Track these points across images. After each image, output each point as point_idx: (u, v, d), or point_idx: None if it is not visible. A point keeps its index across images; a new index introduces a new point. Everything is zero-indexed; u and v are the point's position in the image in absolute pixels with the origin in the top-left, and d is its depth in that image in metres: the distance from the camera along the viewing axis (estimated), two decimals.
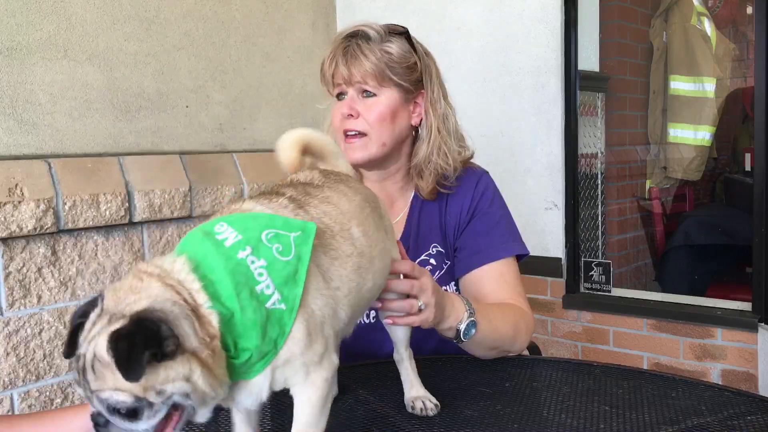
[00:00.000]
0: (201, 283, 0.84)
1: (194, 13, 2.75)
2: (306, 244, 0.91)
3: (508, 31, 2.98)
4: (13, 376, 2.12)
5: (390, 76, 1.51)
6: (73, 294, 2.27)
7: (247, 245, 0.87)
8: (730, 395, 1.26)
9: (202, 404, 0.83)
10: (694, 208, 4.40)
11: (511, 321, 1.48)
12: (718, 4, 4.56)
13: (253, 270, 0.86)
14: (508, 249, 1.59)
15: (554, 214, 2.93)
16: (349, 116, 1.52)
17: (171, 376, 0.79)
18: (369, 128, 1.52)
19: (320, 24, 3.32)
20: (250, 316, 0.84)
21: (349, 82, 1.52)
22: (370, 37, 1.52)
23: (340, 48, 1.53)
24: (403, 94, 1.54)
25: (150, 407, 0.79)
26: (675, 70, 4.17)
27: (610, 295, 2.92)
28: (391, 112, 1.52)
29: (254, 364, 0.86)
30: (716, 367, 2.61)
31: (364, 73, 1.50)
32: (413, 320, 1.22)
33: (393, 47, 1.52)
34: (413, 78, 1.54)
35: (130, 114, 2.53)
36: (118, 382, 0.77)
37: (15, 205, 2.06)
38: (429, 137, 1.57)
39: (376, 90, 1.52)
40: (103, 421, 0.81)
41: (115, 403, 0.78)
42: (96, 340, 0.79)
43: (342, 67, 1.52)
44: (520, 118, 2.97)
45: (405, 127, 1.57)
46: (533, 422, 1.15)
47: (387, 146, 1.54)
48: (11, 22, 2.19)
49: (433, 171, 1.58)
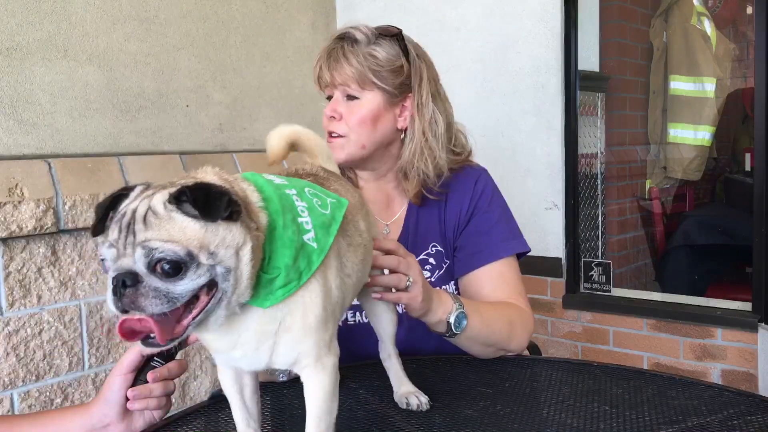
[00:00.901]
0: (254, 187, 0.88)
1: (194, 13, 2.75)
2: (340, 210, 0.97)
3: (508, 31, 2.98)
4: (13, 376, 2.12)
5: (372, 80, 1.51)
6: (73, 294, 2.27)
7: (293, 188, 0.94)
8: (730, 395, 1.26)
9: (232, 293, 0.82)
10: (694, 208, 4.40)
11: (505, 317, 1.48)
12: (718, 4, 4.55)
13: (297, 205, 0.91)
14: (508, 248, 1.59)
15: (554, 214, 2.93)
16: (332, 118, 1.54)
17: (227, 240, 0.79)
18: (348, 130, 1.53)
19: (320, 24, 3.32)
20: (290, 236, 0.87)
21: (332, 84, 1.54)
22: (357, 40, 1.52)
23: (326, 51, 1.55)
24: (388, 98, 1.54)
25: (196, 268, 0.78)
26: (675, 70, 4.17)
27: (610, 295, 2.92)
28: (372, 115, 1.53)
29: (276, 289, 0.86)
30: (716, 367, 2.61)
31: (345, 77, 1.51)
32: (401, 296, 1.24)
33: (379, 51, 1.52)
34: (399, 81, 1.54)
35: (130, 114, 2.53)
36: (174, 233, 0.77)
37: (15, 205, 2.06)
38: (413, 141, 1.57)
39: (359, 93, 1.52)
40: (130, 281, 0.77)
41: (163, 254, 0.76)
42: (152, 198, 0.80)
43: (325, 71, 1.54)
44: (520, 118, 2.97)
45: (389, 130, 1.56)
46: (533, 422, 1.15)
47: (366, 148, 1.55)
48: (11, 22, 2.19)
49: (416, 175, 1.58)
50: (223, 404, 1.27)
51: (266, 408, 1.26)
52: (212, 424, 1.21)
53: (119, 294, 0.77)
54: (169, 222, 0.78)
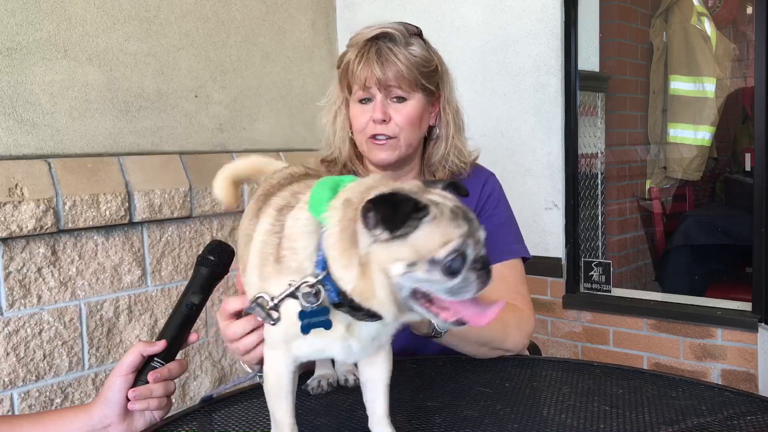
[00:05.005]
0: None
1: (194, 13, 2.75)
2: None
3: (508, 31, 2.98)
4: (13, 376, 2.12)
5: (420, 80, 1.50)
6: (73, 294, 2.27)
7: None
8: (730, 395, 1.26)
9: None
10: (694, 208, 4.41)
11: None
12: (718, 4, 4.55)
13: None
14: (512, 251, 1.59)
15: (554, 214, 2.93)
16: (382, 121, 1.51)
17: None
18: (399, 132, 1.52)
19: (320, 24, 3.32)
20: None
21: (384, 85, 1.49)
22: (396, 39, 1.50)
23: (372, 50, 1.49)
24: (427, 97, 1.54)
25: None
26: (675, 70, 4.17)
27: (610, 295, 2.92)
28: (418, 115, 1.53)
29: None
30: (716, 367, 2.61)
31: (398, 76, 1.48)
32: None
33: (416, 49, 1.50)
34: (435, 80, 1.55)
35: (130, 114, 2.53)
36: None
37: (15, 205, 2.06)
38: (446, 138, 1.59)
39: (407, 94, 1.51)
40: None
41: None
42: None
43: (377, 70, 1.48)
44: (520, 118, 2.97)
45: (425, 128, 1.59)
46: (533, 422, 1.15)
47: (413, 147, 1.56)
48: (11, 22, 2.19)
49: (449, 170, 1.59)
50: (215, 406, 1.27)
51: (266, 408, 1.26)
52: (207, 426, 1.21)
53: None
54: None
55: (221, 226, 2.70)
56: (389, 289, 0.85)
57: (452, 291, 0.85)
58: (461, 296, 0.86)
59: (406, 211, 0.83)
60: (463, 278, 0.85)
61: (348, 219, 0.88)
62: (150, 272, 2.49)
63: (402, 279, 0.84)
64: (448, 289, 0.85)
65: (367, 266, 0.85)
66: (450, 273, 0.84)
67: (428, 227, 0.84)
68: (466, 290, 0.86)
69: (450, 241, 0.84)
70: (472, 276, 0.85)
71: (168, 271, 2.54)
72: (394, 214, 0.83)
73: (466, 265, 0.85)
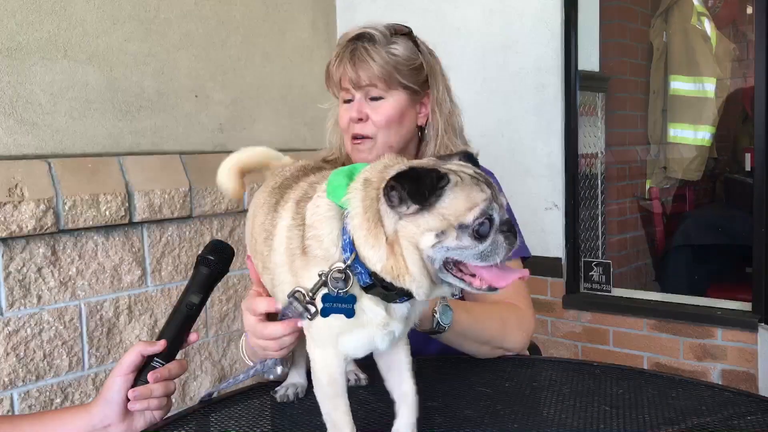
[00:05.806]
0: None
1: (194, 13, 2.75)
2: None
3: (508, 31, 2.98)
4: (13, 376, 2.12)
5: (398, 79, 1.50)
6: (73, 294, 2.27)
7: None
8: (730, 395, 1.26)
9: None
10: (694, 208, 4.40)
11: (496, 314, 1.48)
12: (718, 4, 4.55)
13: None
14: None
15: (554, 214, 2.93)
16: (359, 120, 1.52)
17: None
18: (376, 131, 1.52)
19: (320, 24, 3.32)
20: None
21: (357, 85, 1.51)
22: (375, 39, 1.51)
23: (347, 50, 1.51)
24: (411, 96, 1.54)
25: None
26: (675, 70, 4.16)
27: (610, 295, 2.92)
28: (398, 114, 1.53)
29: None
30: (716, 367, 2.61)
31: (371, 76, 1.49)
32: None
33: (399, 49, 1.51)
34: (420, 79, 1.54)
35: (130, 114, 2.53)
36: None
37: (15, 205, 2.06)
38: (436, 138, 1.58)
39: (384, 93, 1.51)
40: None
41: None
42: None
43: (350, 70, 1.50)
44: (521, 118, 2.97)
45: (411, 128, 1.57)
46: (533, 422, 1.15)
47: (394, 148, 1.54)
48: (11, 22, 2.19)
49: None
50: (215, 407, 1.27)
51: (266, 408, 1.26)
52: (203, 427, 1.21)
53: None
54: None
55: (221, 226, 2.71)
56: (421, 263, 0.86)
57: (483, 255, 0.86)
58: (492, 260, 0.87)
59: (431, 181, 0.84)
60: (492, 241, 0.86)
61: (370, 199, 0.88)
62: (150, 272, 2.49)
63: (433, 251, 0.85)
64: (479, 254, 0.86)
65: (396, 243, 0.86)
66: (479, 237, 0.85)
67: (453, 193, 0.85)
68: (496, 253, 0.87)
69: (476, 205, 0.85)
70: (500, 238, 0.87)
71: (168, 271, 2.54)
72: (420, 187, 0.84)
73: (493, 228, 0.86)
